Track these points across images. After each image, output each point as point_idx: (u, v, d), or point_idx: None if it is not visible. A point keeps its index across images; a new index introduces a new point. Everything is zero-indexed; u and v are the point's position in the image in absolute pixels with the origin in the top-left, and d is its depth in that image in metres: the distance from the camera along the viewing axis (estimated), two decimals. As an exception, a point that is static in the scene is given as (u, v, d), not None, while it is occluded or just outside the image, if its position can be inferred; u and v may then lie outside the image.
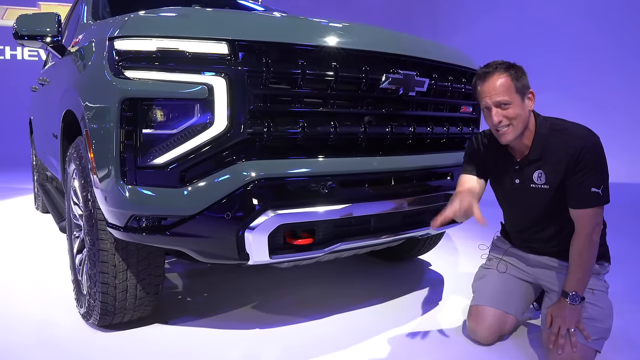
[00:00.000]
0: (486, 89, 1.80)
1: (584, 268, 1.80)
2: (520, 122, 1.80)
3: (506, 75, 1.77)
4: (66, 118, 2.29)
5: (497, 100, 1.77)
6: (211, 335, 2.05)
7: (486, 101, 1.80)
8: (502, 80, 1.77)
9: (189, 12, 1.77)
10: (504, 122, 1.79)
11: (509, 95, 1.76)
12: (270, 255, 1.71)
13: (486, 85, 1.80)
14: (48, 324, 2.18)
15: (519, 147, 1.89)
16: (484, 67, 1.85)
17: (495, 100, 1.77)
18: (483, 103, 1.83)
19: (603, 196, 1.77)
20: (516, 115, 1.78)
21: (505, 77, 1.77)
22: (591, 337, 1.77)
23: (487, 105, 1.81)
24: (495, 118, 1.78)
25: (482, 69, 1.85)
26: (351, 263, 3.06)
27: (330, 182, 1.77)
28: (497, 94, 1.77)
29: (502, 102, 1.77)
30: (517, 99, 1.78)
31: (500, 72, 1.78)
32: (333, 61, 1.77)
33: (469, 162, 2.05)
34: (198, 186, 1.62)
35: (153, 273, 1.97)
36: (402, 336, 2.07)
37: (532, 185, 1.89)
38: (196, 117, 1.60)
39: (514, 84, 1.77)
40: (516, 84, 1.77)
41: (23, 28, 2.48)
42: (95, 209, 1.86)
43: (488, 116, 1.83)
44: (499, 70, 1.79)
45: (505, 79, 1.77)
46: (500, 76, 1.77)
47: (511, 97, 1.77)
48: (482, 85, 1.81)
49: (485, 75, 1.81)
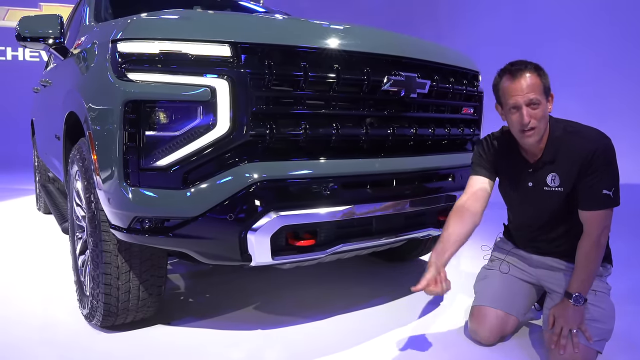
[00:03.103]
0: (518, 87, 1.74)
1: (589, 270, 1.80)
2: (544, 124, 1.78)
3: (536, 75, 1.75)
4: (69, 120, 2.29)
5: (529, 99, 1.73)
6: (213, 335, 2.06)
7: (516, 100, 1.75)
8: (534, 79, 1.74)
9: (191, 15, 1.77)
10: (533, 122, 1.75)
11: (539, 93, 1.74)
12: (273, 257, 1.72)
13: (517, 83, 1.75)
14: (51, 325, 2.18)
15: (532, 149, 1.87)
16: (510, 64, 1.81)
17: (528, 98, 1.73)
18: (512, 102, 1.76)
19: (614, 198, 1.76)
20: (542, 116, 1.76)
21: (536, 76, 1.75)
22: (593, 339, 1.77)
23: (516, 104, 1.75)
24: (526, 118, 1.74)
25: (509, 66, 1.81)
26: (353, 264, 3.06)
27: (332, 183, 1.77)
28: (529, 92, 1.73)
29: (534, 100, 1.73)
30: (544, 99, 1.76)
31: (531, 71, 1.75)
32: (335, 63, 1.78)
33: (479, 164, 2.02)
34: (201, 188, 1.63)
35: (156, 274, 1.98)
36: (404, 337, 2.08)
37: (545, 188, 1.88)
38: (199, 119, 1.60)
39: (542, 83, 1.75)
40: (544, 82, 1.76)
41: (25, 30, 2.49)
42: (98, 211, 1.87)
43: (515, 115, 1.77)
44: (529, 69, 1.76)
45: (535, 78, 1.74)
46: (531, 75, 1.75)
47: (540, 96, 1.74)
48: (512, 83, 1.76)
49: (515, 72, 1.76)
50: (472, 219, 1.92)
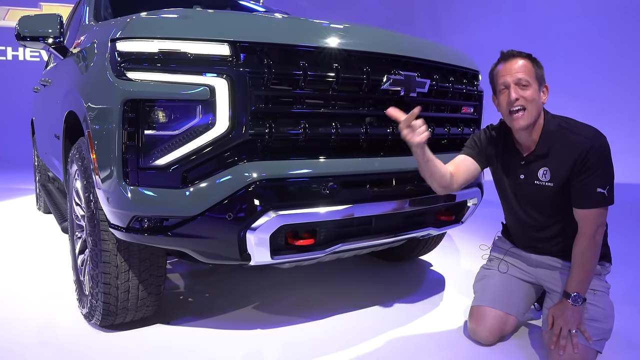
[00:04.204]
0: (508, 67, 1.82)
1: (586, 269, 1.80)
2: (534, 109, 1.80)
3: (528, 60, 1.82)
4: (68, 119, 2.29)
5: (517, 78, 1.79)
6: (213, 335, 2.06)
7: (505, 79, 1.81)
8: (524, 62, 1.81)
9: (190, 14, 1.77)
10: (521, 101, 1.79)
11: (530, 76, 1.79)
12: (272, 256, 1.72)
13: (508, 64, 1.82)
14: (50, 325, 2.18)
15: (526, 141, 1.89)
16: (505, 51, 1.88)
17: (516, 77, 1.79)
18: (501, 81, 1.83)
19: (608, 197, 1.77)
20: (532, 98, 1.79)
21: (528, 61, 1.81)
22: (592, 339, 1.77)
23: (505, 82, 1.81)
24: (513, 94, 1.78)
25: (503, 52, 1.88)
26: (352, 264, 3.06)
27: (332, 182, 1.77)
28: (517, 72, 1.79)
29: (522, 80, 1.78)
30: (536, 84, 1.81)
31: (523, 57, 1.83)
32: (334, 62, 1.78)
33: (471, 146, 2.06)
34: (200, 187, 1.63)
35: (155, 273, 1.98)
36: (403, 336, 2.08)
37: (536, 182, 1.89)
38: (198, 118, 1.60)
39: (534, 69, 1.81)
40: (537, 70, 1.82)
41: (25, 29, 2.49)
42: (98, 210, 1.87)
43: (504, 95, 1.83)
44: (522, 56, 1.83)
45: (527, 63, 1.81)
46: (524, 60, 1.82)
47: (531, 80, 1.79)
48: (503, 65, 1.84)
49: (508, 56, 1.84)
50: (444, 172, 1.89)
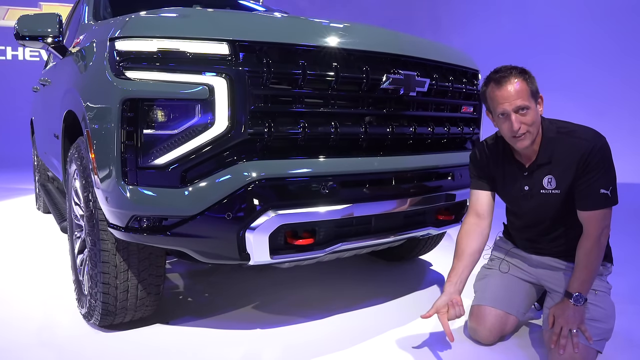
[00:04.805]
0: (505, 94, 1.73)
1: (589, 270, 1.79)
2: (535, 128, 1.77)
3: (522, 80, 1.73)
4: (67, 118, 2.29)
5: (517, 106, 1.72)
6: (212, 335, 2.05)
7: (504, 107, 1.74)
8: (520, 85, 1.72)
9: (189, 13, 1.77)
10: (523, 128, 1.74)
11: (527, 99, 1.72)
12: (271, 256, 1.71)
13: (504, 90, 1.73)
14: (49, 325, 2.18)
15: (526, 152, 1.86)
16: (494, 72, 1.79)
17: (516, 105, 1.72)
18: (499, 109, 1.76)
19: (612, 197, 1.75)
20: (533, 121, 1.75)
21: (522, 82, 1.73)
22: (593, 338, 1.76)
23: (504, 111, 1.74)
24: (515, 124, 1.72)
25: (494, 74, 1.79)
26: (352, 263, 3.06)
27: (331, 182, 1.76)
28: (516, 99, 1.71)
29: (521, 106, 1.72)
30: (533, 103, 1.75)
31: (516, 76, 1.73)
32: (334, 61, 1.77)
33: (477, 176, 2.02)
34: (199, 186, 1.62)
35: (154, 273, 1.97)
36: (403, 336, 2.07)
37: (542, 191, 1.87)
38: (197, 117, 1.60)
39: (529, 89, 1.74)
40: (531, 87, 1.74)
41: (24, 28, 2.48)
42: (97, 210, 1.87)
43: (505, 123, 1.76)
44: (514, 75, 1.74)
45: (521, 84, 1.73)
46: (517, 80, 1.73)
47: (528, 101, 1.73)
48: (498, 91, 1.75)
49: (500, 80, 1.74)
50: (481, 237, 1.97)
